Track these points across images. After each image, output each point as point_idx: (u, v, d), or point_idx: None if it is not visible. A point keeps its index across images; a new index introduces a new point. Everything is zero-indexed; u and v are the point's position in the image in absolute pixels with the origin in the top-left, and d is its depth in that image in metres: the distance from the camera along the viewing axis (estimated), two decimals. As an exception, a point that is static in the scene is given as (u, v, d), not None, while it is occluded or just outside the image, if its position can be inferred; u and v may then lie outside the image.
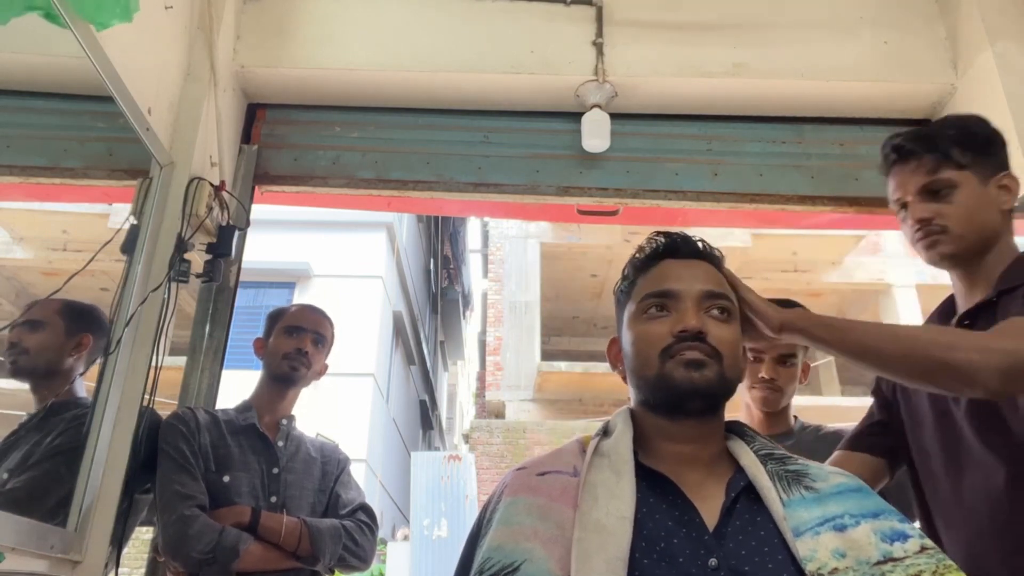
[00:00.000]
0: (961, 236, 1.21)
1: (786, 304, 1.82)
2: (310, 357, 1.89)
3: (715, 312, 0.96)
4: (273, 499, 1.75)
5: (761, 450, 0.95)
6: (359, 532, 1.80)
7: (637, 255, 1.05)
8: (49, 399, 1.69)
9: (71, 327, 1.74)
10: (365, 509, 1.88)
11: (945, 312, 1.32)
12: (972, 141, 1.24)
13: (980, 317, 1.20)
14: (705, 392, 0.90)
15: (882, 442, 1.36)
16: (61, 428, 1.65)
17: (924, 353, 1.05)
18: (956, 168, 1.22)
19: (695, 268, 1.00)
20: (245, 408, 1.88)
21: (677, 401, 0.91)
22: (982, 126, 1.28)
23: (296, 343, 1.88)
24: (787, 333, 1.09)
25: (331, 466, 1.91)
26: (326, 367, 1.99)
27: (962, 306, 1.27)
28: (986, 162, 1.23)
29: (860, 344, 1.09)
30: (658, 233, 1.06)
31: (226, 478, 1.71)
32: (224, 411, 1.88)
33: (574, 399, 11.71)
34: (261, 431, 1.83)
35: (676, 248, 1.03)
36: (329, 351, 1.99)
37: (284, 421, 1.89)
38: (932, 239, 1.23)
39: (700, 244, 1.04)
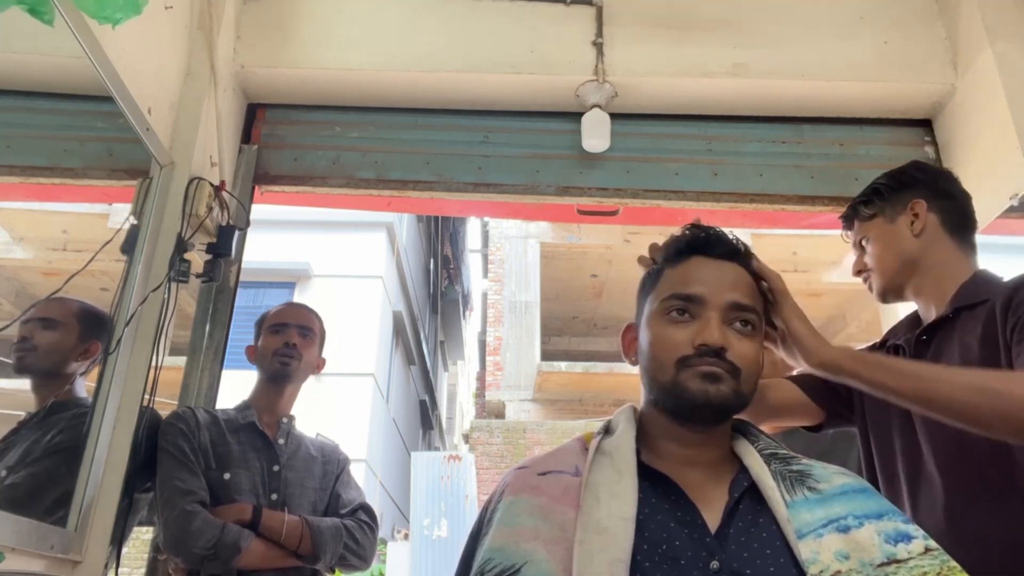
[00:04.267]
0: (882, 274, 1.36)
1: None
2: (299, 349, 1.89)
3: (738, 325, 0.92)
4: (274, 497, 1.75)
5: (765, 449, 0.93)
6: (360, 531, 1.80)
7: (670, 242, 1.00)
8: (48, 399, 1.68)
9: (84, 333, 1.73)
10: (366, 509, 1.88)
11: (911, 323, 1.38)
12: (877, 193, 1.38)
13: (938, 331, 1.27)
14: (718, 407, 0.89)
15: (829, 398, 1.37)
16: (61, 427, 1.65)
17: (996, 405, 1.01)
18: (866, 220, 1.39)
19: (725, 271, 0.95)
20: (244, 407, 1.88)
21: (688, 411, 0.90)
22: (894, 174, 1.39)
23: (283, 339, 1.89)
24: (827, 372, 1.08)
25: (331, 465, 1.91)
26: (323, 361, 1.99)
27: (924, 320, 1.34)
28: (896, 201, 1.35)
29: (924, 392, 1.06)
30: (694, 226, 1.00)
31: (227, 476, 1.71)
32: (224, 411, 1.88)
33: (574, 399, 11.71)
34: (261, 429, 1.83)
35: (709, 245, 0.97)
36: (321, 344, 1.99)
37: (284, 420, 1.89)
38: (868, 284, 1.40)
39: (735, 244, 0.98)
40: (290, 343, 1.88)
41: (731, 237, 1.00)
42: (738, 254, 0.98)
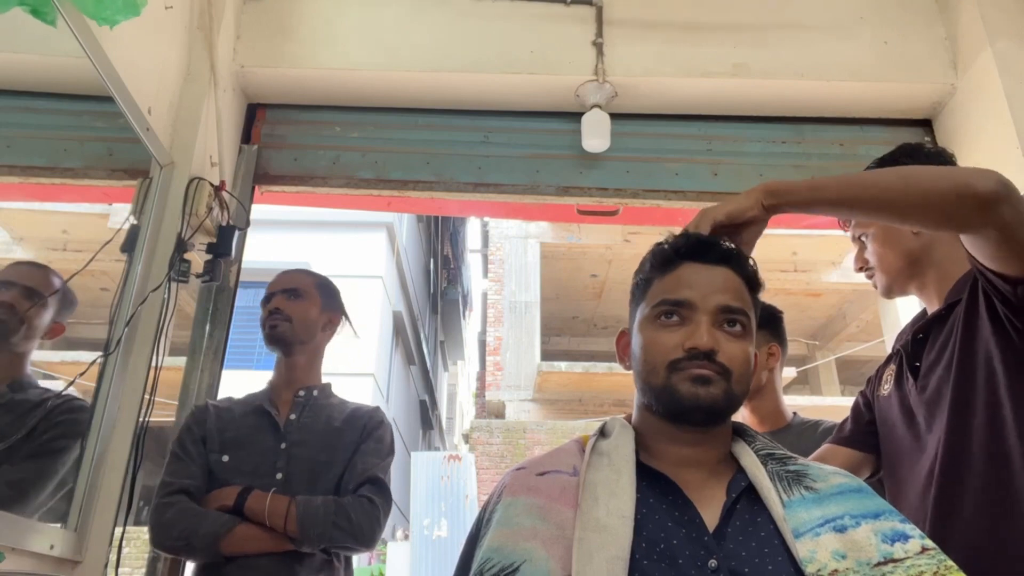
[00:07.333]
0: (885, 272, 1.34)
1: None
2: (286, 311, 1.81)
3: (728, 327, 0.92)
4: (279, 476, 1.68)
5: (762, 450, 0.94)
6: (357, 508, 1.64)
7: (657, 250, 1.00)
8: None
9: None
10: (373, 481, 1.71)
11: (913, 325, 1.36)
12: None
13: (934, 327, 1.25)
14: (709, 408, 0.89)
15: (871, 440, 1.36)
16: (52, 424, 1.63)
17: (925, 182, 1.03)
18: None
19: (715, 275, 0.95)
20: (263, 388, 1.84)
21: (680, 413, 0.91)
22: (886, 161, 1.35)
23: (269, 308, 1.83)
24: (777, 211, 1.05)
25: (353, 435, 1.77)
26: (338, 317, 1.90)
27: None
28: None
29: (862, 188, 1.06)
30: (683, 232, 1.00)
31: (225, 458, 1.68)
32: (247, 395, 1.84)
33: (574, 399, 11.70)
34: (266, 408, 1.77)
35: (698, 251, 0.96)
36: (327, 300, 1.89)
37: (301, 393, 1.80)
38: (871, 281, 1.38)
39: (725, 248, 0.97)
40: (275, 309, 1.81)
41: (721, 241, 0.99)
42: (730, 258, 0.97)
